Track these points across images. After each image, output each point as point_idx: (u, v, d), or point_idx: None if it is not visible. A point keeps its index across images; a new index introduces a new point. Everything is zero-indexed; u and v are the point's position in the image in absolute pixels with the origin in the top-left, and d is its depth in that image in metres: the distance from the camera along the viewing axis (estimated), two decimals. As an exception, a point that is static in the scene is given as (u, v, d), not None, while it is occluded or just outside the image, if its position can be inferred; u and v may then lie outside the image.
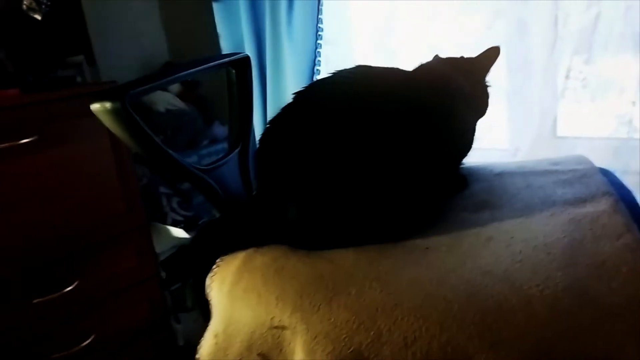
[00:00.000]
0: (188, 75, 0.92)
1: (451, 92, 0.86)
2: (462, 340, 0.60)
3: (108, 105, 0.73)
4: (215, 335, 0.72)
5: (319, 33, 1.57)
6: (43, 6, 1.39)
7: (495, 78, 0.98)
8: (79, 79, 1.59)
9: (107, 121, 0.74)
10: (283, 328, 0.67)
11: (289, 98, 0.85)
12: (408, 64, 0.94)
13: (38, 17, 1.40)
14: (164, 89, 1.85)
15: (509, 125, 1.54)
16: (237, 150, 1.04)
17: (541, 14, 1.39)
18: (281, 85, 1.66)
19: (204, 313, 0.79)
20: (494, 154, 1.51)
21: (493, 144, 1.54)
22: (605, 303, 0.62)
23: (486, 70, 0.94)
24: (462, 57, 0.95)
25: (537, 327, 0.60)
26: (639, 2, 1.24)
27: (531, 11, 1.41)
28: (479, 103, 0.93)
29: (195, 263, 0.84)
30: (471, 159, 0.95)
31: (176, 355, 1.62)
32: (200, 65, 0.99)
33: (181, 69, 0.96)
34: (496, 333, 0.60)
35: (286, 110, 0.82)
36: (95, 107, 0.73)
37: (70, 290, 1.35)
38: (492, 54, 0.93)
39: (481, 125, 0.97)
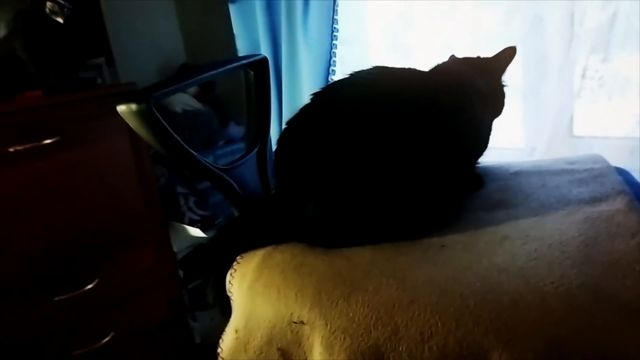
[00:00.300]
0: (209, 77, 0.95)
1: (467, 92, 0.87)
2: (478, 335, 0.61)
3: (134, 106, 0.75)
4: (236, 330, 0.74)
5: (335, 33, 1.59)
6: (65, 9, 1.42)
7: (511, 77, 0.99)
8: (99, 80, 1.62)
9: (133, 122, 0.77)
10: (302, 323, 0.69)
11: (304, 98, 0.86)
12: (424, 62, 0.96)
13: (60, 20, 1.43)
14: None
15: (525, 125, 1.54)
16: (255, 150, 1.06)
17: (557, 11, 1.38)
18: (297, 86, 1.68)
19: (225, 309, 0.81)
20: (510, 153, 1.51)
21: (509, 143, 1.54)
22: (619, 300, 0.62)
23: (502, 70, 0.95)
24: (478, 57, 0.96)
25: (552, 323, 0.61)
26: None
27: (547, 9, 1.40)
28: (495, 103, 0.94)
29: (216, 261, 0.86)
30: (487, 158, 0.96)
31: (193, 353, 1.65)
32: (219, 67, 1.01)
33: (201, 71, 0.98)
34: (511, 329, 0.61)
35: (304, 111, 0.84)
36: (121, 108, 0.76)
37: (91, 288, 1.38)
38: (508, 54, 0.94)
39: (497, 124, 0.98)
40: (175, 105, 1.82)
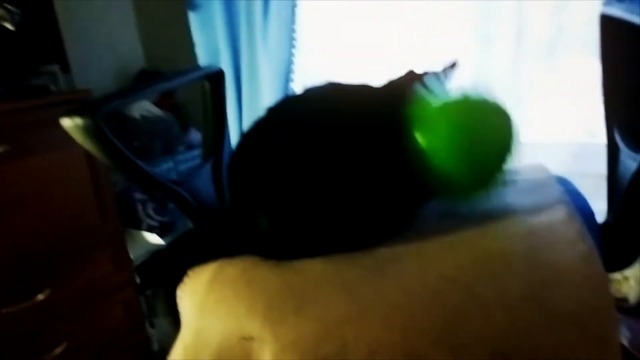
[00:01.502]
0: (162, 88, 0.94)
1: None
2: (423, 347, 0.63)
3: (79, 121, 0.74)
4: (185, 347, 0.73)
5: (294, 42, 1.60)
6: (15, 16, 1.38)
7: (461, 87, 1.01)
8: (52, 87, 1.57)
9: (78, 137, 0.75)
10: (252, 339, 0.68)
11: (264, 107, 0.87)
12: (379, 73, 0.98)
13: (10, 27, 1.39)
14: (139, 96, 1.85)
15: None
16: (210, 162, 1.06)
17: (505, 25, 1.44)
18: (257, 94, 1.68)
19: (177, 321, 0.80)
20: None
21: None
22: (559, 310, 0.65)
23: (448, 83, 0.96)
24: (425, 72, 0.98)
25: (495, 333, 0.63)
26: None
27: (496, 23, 1.46)
28: None
29: (167, 274, 0.85)
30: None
31: (151, 360, 1.63)
32: (174, 79, 1.00)
33: (154, 82, 0.97)
34: (455, 340, 0.62)
35: (258, 125, 0.85)
36: (66, 122, 0.74)
37: (43, 298, 1.34)
38: (452, 68, 0.96)
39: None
40: (133, 111, 1.78)
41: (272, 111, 0.85)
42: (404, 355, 0.63)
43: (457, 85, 0.88)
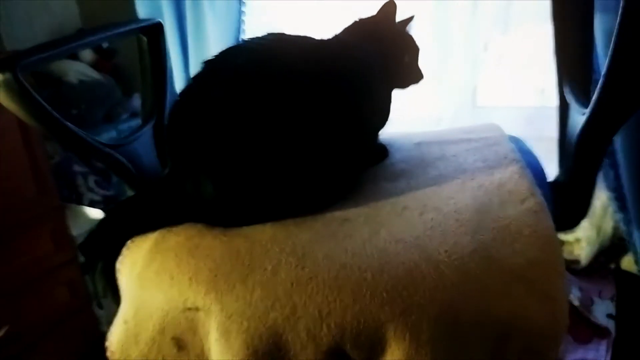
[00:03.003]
0: (90, 43, 0.86)
1: (360, 62, 0.84)
2: (374, 308, 0.61)
3: (-2, 77, 0.67)
4: (125, 322, 0.69)
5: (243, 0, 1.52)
6: None
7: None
8: (-25, 48, 1.44)
9: (-1, 95, 0.68)
10: (197, 309, 0.65)
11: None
12: (331, 29, 0.93)
13: None
14: (75, 57, 1.72)
15: (431, 96, 1.57)
16: (151, 124, 0.99)
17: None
18: (204, 55, 1.59)
19: (117, 299, 0.75)
20: (418, 123, 1.54)
21: (417, 113, 1.57)
22: (508, 265, 0.65)
23: (390, 28, 0.92)
24: (366, 20, 0.93)
25: (446, 291, 0.62)
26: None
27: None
28: (391, 69, 0.92)
29: (104, 246, 0.79)
30: (395, 129, 0.96)
31: (100, 342, 1.56)
32: (105, 32, 0.92)
33: (83, 35, 0.89)
34: (406, 299, 0.61)
35: (196, 80, 0.78)
36: (-19, 79, 0.66)
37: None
38: (389, 9, 0.91)
39: (406, 96, 0.98)
40: (69, 75, 1.66)
41: (210, 65, 0.79)
42: (354, 317, 0.61)
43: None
